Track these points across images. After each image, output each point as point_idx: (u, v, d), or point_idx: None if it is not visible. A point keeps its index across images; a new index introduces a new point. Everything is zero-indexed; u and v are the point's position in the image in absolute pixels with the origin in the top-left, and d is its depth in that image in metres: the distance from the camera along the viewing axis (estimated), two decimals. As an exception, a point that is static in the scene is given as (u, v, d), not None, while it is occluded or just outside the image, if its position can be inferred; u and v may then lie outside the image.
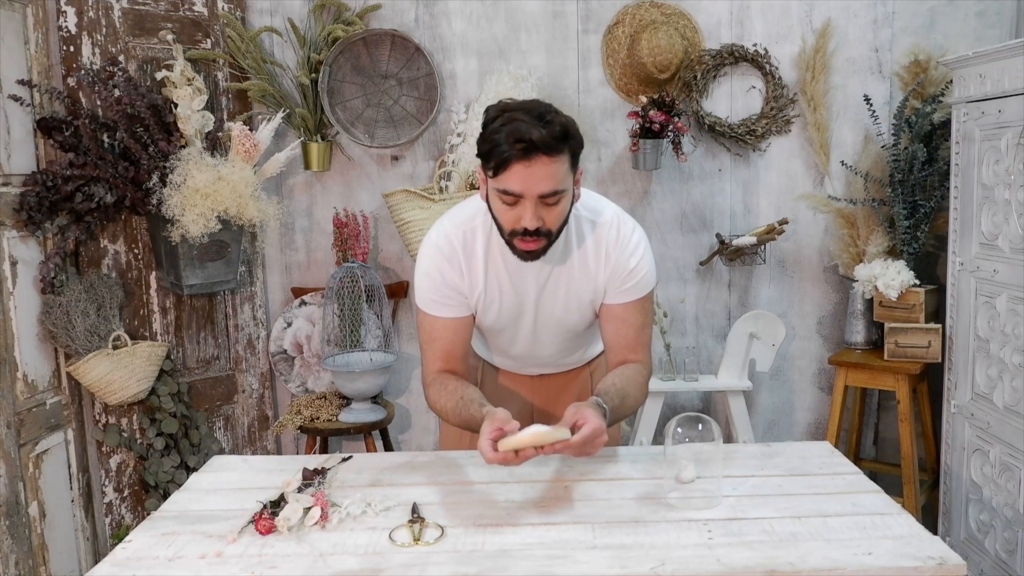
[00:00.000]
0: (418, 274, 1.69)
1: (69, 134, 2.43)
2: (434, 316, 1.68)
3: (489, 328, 1.78)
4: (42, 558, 2.38)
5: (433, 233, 1.69)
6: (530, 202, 1.48)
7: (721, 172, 3.04)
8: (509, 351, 1.86)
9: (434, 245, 1.67)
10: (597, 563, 1.27)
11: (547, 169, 1.46)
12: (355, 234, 2.89)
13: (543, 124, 1.44)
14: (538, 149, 1.44)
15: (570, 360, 1.92)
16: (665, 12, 2.93)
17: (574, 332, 1.79)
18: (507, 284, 1.67)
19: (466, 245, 1.65)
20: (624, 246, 1.66)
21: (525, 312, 1.72)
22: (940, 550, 1.28)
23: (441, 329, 1.68)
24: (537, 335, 1.77)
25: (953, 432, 2.59)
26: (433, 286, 1.66)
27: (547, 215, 1.51)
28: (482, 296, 1.68)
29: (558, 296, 1.69)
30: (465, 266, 1.65)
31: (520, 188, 1.47)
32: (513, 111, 1.46)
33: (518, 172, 1.46)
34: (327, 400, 2.90)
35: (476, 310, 1.70)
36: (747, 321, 2.90)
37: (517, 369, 1.95)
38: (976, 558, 2.47)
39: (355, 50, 2.94)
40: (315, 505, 1.44)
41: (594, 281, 1.68)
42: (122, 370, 2.49)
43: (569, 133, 1.47)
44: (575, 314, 1.73)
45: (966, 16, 2.91)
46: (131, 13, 2.63)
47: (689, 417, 1.52)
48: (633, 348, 1.70)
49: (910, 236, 2.77)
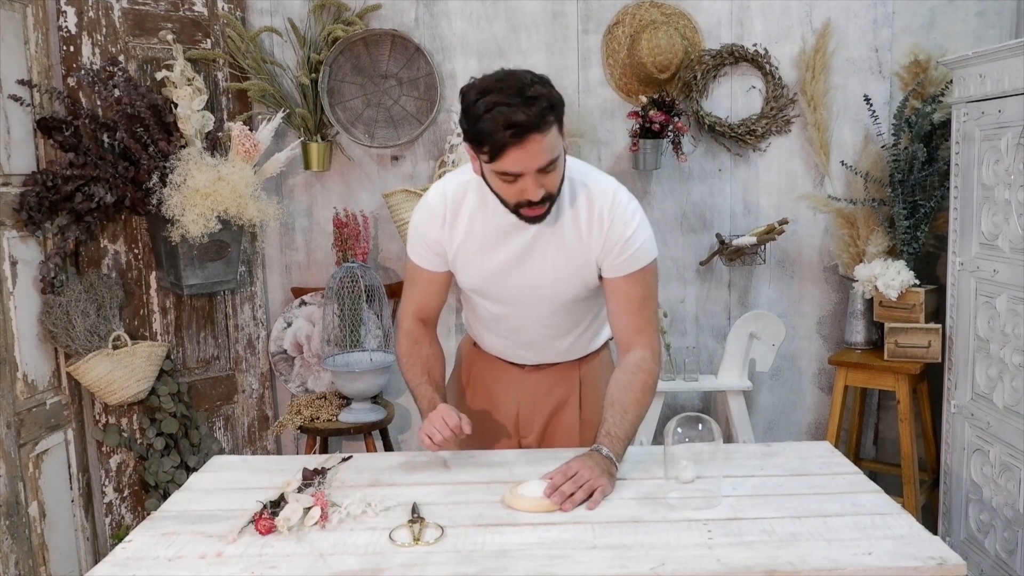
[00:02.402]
0: (411, 225, 1.79)
1: (69, 134, 2.43)
2: (415, 264, 1.80)
3: (471, 288, 1.79)
4: (42, 558, 2.38)
5: (433, 189, 1.76)
6: (531, 177, 1.51)
7: (721, 172, 3.04)
8: (497, 325, 1.85)
9: (428, 200, 1.75)
10: (597, 563, 1.27)
11: (541, 145, 1.48)
12: (355, 234, 2.89)
13: (527, 102, 1.45)
14: (529, 130, 1.45)
15: (560, 346, 1.87)
16: (665, 12, 2.93)
17: (562, 301, 1.75)
18: (491, 240, 1.69)
19: (456, 200, 1.70)
20: (620, 214, 1.66)
21: (509, 271, 1.71)
22: (940, 550, 1.28)
23: (419, 276, 1.81)
24: (525, 303, 1.76)
25: (953, 432, 2.59)
26: (419, 239, 1.76)
27: (547, 181, 1.54)
28: (461, 249, 1.72)
29: (547, 258, 1.69)
30: (449, 222, 1.71)
31: (519, 168, 1.50)
32: (493, 93, 1.46)
33: (514, 155, 1.48)
34: (327, 400, 2.90)
35: (455, 266, 1.76)
36: (747, 321, 2.90)
37: (507, 354, 1.92)
38: (976, 558, 2.47)
39: (355, 50, 2.94)
40: (315, 505, 1.44)
41: (586, 247, 1.67)
42: (122, 370, 2.49)
43: (550, 104, 1.48)
44: (564, 282, 1.72)
45: (966, 16, 2.91)
46: (131, 13, 2.63)
47: (689, 417, 1.52)
48: (639, 328, 1.71)
49: (910, 236, 2.77)
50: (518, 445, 1.94)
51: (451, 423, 1.64)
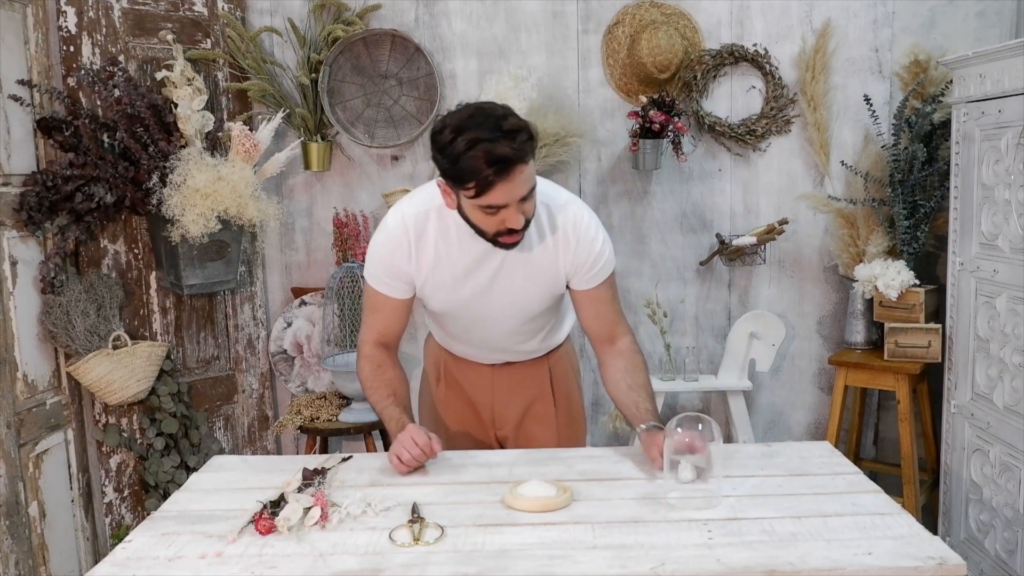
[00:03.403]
0: (371, 248, 1.76)
1: (69, 134, 2.43)
2: (375, 290, 1.77)
3: (441, 311, 1.81)
4: (42, 558, 2.38)
5: (391, 216, 1.74)
6: (514, 206, 1.53)
7: (721, 172, 3.04)
8: (465, 336, 1.89)
9: (388, 229, 1.72)
10: (597, 563, 1.27)
11: (524, 175, 1.51)
12: (355, 234, 2.89)
13: (508, 136, 1.46)
14: (515, 162, 1.48)
15: (528, 348, 1.93)
16: (665, 12, 2.93)
17: (531, 315, 1.81)
18: (460, 268, 1.70)
19: (418, 228, 1.69)
20: (584, 232, 1.71)
21: (479, 296, 1.74)
22: (940, 550, 1.28)
23: (382, 304, 1.78)
24: (494, 318, 1.79)
25: (953, 432, 2.59)
26: (381, 267, 1.74)
27: (527, 208, 1.57)
28: (429, 279, 1.72)
29: (516, 279, 1.72)
30: (415, 250, 1.70)
31: (504, 200, 1.52)
32: (470, 130, 1.46)
33: (501, 189, 1.49)
34: (327, 400, 2.90)
35: (423, 293, 1.76)
36: (747, 321, 2.90)
37: (476, 357, 1.96)
38: (976, 558, 2.47)
39: (355, 50, 2.94)
40: (315, 505, 1.44)
41: (554, 264, 1.72)
42: (122, 370, 2.49)
43: (530, 133, 1.51)
44: (534, 298, 1.76)
45: (966, 16, 2.90)
46: (131, 13, 2.63)
47: (689, 417, 1.52)
48: (616, 322, 1.80)
49: (910, 236, 2.77)
50: (494, 437, 2.00)
51: (420, 442, 1.64)
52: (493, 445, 2.00)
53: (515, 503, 1.48)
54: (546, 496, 1.48)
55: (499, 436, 2.00)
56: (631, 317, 3.05)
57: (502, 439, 2.00)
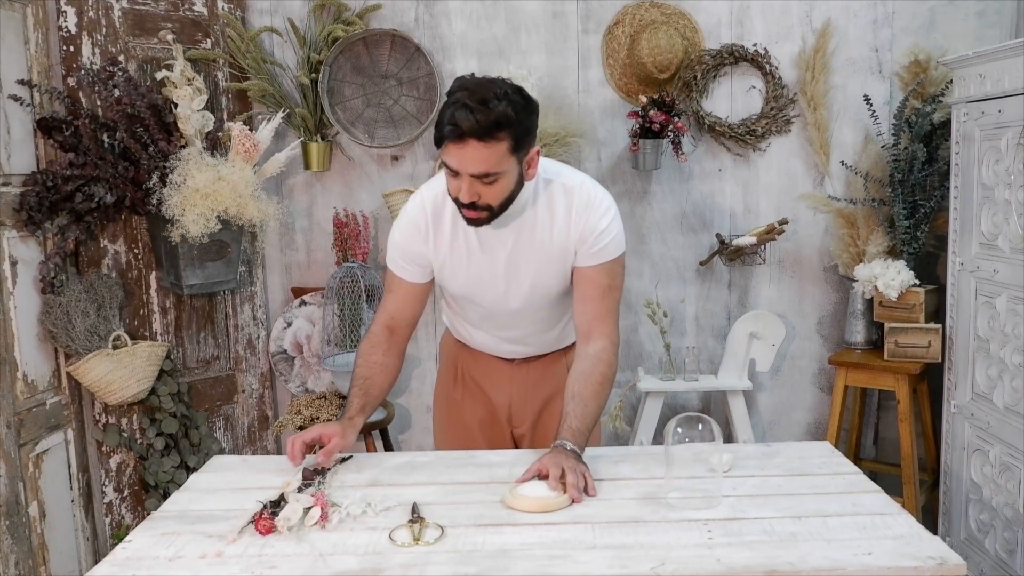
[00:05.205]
0: (391, 232, 1.81)
1: (69, 134, 2.43)
2: (394, 273, 1.82)
3: (459, 294, 1.82)
4: (42, 558, 2.38)
5: (412, 198, 1.79)
6: (465, 179, 1.55)
7: (721, 172, 3.04)
8: (484, 324, 1.89)
9: (408, 212, 1.78)
10: (597, 563, 1.27)
11: (479, 154, 1.51)
12: (355, 234, 2.89)
13: (482, 110, 1.48)
14: (469, 135, 1.49)
15: (547, 338, 1.92)
16: (665, 12, 2.93)
17: (548, 297, 1.80)
18: (476, 248, 1.72)
19: (436, 211, 1.73)
20: (596, 207, 1.71)
21: (495, 277, 1.75)
22: (940, 550, 1.28)
23: (396, 285, 1.83)
24: (510, 301, 1.79)
25: (953, 432, 2.59)
26: (398, 251, 1.79)
27: (484, 192, 1.57)
28: (447, 260, 1.75)
29: (531, 260, 1.73)
30: (432, 232, 1.74)
31: (455, 166, 1.55)
32: (463, 91, 1.51)
33: (452, 152, 1.53)
34: (327, 400, 2.90)
35: (442, 276, 1.78)
36: (747, 321, 2.90)
37: (495, 349, 1.95)
38: (976, 558, 2.47)
39: (355, 50, 2.94)
40: (315, 505, 1.44)
41: (564, 241, 1.72)
42: (122, 370, 2.49)
43: (504, 122, 1.50)
44: (547, 276, 1.76)
45: (966, 16, 2.91)
46: (131, 13, 2.63)
47: (689, 417, 1.52)
48: (599, 316, 1.73)
49: (910, 236, 2.77)
50: (511, 436, 1.99)
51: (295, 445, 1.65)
52: (508, 444, 1.99)
53: (515, 503, 1.48)
54: (546, 496, 1.48)
55: (516, 435, 1.99)
56: (631, 317, 3.05)
57: (518, 438, 2.00)
